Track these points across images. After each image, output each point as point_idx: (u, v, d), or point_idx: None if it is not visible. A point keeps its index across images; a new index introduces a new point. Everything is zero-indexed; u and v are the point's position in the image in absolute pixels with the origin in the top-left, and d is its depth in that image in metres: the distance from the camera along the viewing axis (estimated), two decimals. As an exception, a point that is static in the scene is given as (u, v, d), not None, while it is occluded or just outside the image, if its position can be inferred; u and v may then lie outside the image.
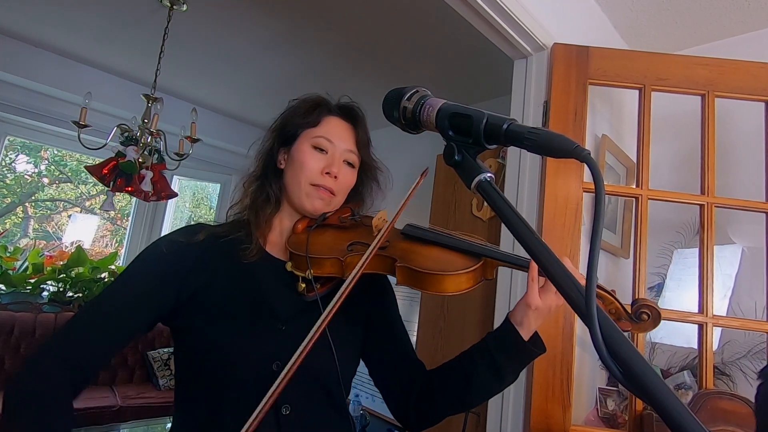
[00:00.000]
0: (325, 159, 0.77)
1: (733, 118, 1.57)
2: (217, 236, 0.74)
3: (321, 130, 0.78)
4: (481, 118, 0.44)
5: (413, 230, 0.74)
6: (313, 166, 0.76)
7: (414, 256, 0.68)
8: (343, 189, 0.80)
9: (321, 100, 0.82)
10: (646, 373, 0.33)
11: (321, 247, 0.72)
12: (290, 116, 0.80)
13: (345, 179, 0.79)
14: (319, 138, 0.77)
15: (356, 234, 0.77)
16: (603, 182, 0.35)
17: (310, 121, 0.78)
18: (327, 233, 0.77)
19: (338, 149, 0.78)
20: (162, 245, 0.72)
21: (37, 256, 2.98)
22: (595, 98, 1.54)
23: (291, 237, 0.77)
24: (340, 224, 0.78)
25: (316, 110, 0.79)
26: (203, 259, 0.71)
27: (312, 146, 0.77)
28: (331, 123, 0.79)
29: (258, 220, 0.76)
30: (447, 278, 0.64)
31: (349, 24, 2.17)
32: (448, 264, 0.66)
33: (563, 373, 1.25)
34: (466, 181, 0.45)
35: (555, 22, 1.47)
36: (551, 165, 1.33)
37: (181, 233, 0.74)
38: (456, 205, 2.15)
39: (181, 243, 0.71)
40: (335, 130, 0.79)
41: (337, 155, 0.77)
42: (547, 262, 0.39)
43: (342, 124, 0.80)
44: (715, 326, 1.28)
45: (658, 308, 0.64)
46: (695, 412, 1.19)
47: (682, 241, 1.64)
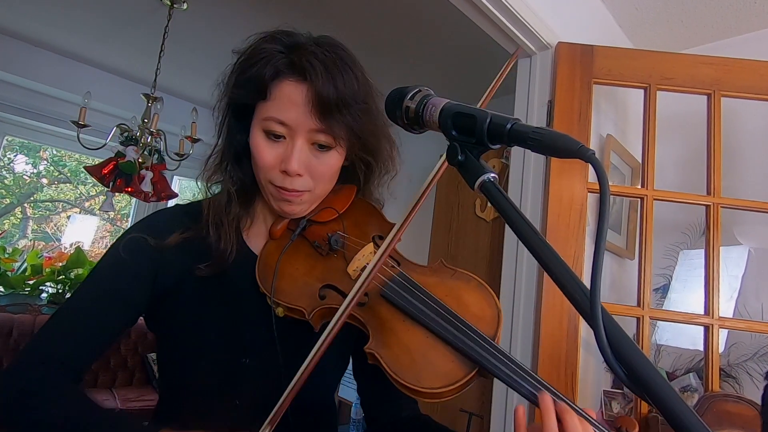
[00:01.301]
0: (282, 149, 0.57)
1: (739, 117, 1.56)
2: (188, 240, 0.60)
3: (272, 107, 0.56)
4: (484, 118, 0.43)
5: (397, 296, 0.56)
6: (268, 161, 0.57)
7: (390, 339, 0.53)
8: (322, 180, 0.60)
9: (267, 53, 0.56)
10: (651, 376, 0.32)
11: (290, 285, 0.59)
12: (236, 81, 0.59)
13: (319, 169, 0.58)
14: (269, 120, 0.56)
15: (333, 271, 0.60)
16: (608, 182, 0.34)
17: (259, 92, 0.56)
18: (301, 255, 0.62)
19: (298, 133, 0.56)
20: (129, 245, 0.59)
21: (36, 257, 2.96)
22: (600, 98, 1.53)
23: (264, 249, 0.63)
24: (315, 248, 0.62)
25: (263, 72, 0.55)
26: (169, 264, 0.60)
27: (263, 131, 0.57)
28: (284, 91, 0.55)
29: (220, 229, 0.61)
30: (424, 392, 0.50)
31: (351, 23, 2.16)
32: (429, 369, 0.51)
33: (568, 375, 1.25)
34: (469, 181, 0.45)
35: (559, 21, 1.46)
36: (555, 165, 1.32)
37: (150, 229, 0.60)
38: (459, 206, 2.14)
39: (148, 245, 0.59)
40: (289, 103, 0.55)
41: (298, 144, 0.56)
42: (551, 264, 0.38)
43: (298, 89, 0.55)
44: (721, 328, 1.27)
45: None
46: (701, 414, 1.19)
47: (688, 242, 1.63)
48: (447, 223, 2.23)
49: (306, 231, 0.64)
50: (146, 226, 0.62)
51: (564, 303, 1.26)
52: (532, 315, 1.31)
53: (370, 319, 0.55)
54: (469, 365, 0.52)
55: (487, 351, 0.52)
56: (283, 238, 0.64)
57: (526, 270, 1.34)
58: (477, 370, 0.52)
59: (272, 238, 0.64)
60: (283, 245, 0.62)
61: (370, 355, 0.53)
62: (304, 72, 0.55)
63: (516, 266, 1.37)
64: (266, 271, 0.60)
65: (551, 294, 1.26)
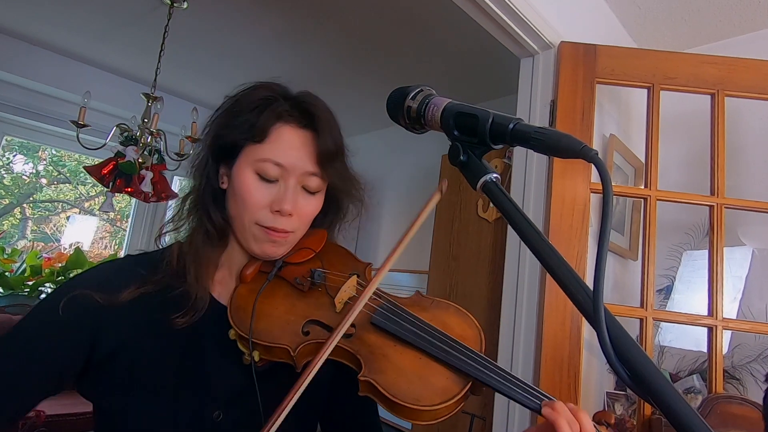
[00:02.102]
0: (274, 191, 0.57)
1: (743, 117, 1.56)
2: (149, 294, 0.56)
3: (268, 150, 0.57)
4: (486, 118, 0.43)
5: (386, 321, 0.57)
6: (259, 202, 0.57)
7: (384, 365, 0.53)
8: (304, 222, 0.61)
9: (269, 98, 0.59)
10: (654, 377, 0.32)
11: (270, 324, 0.56)
12: (228, 122, 0.59)
13: (304, 211, 0.60)
14: (266, 163, 0.56)
15: (315, 306, 0.59)
16: (611, 183, 0.34)
17: (254, 134, 0.57)
18: (279, 294, 0.60)
19: (293, 175, 0.57)
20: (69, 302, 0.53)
21: (35, 258, 2.95)
22: (603, 97, 1.53)
23: (236, 292, 0.59)
24: (295, 285, 0.61)
25: (261, 115, 0.57)
26: (121, 324, 0.55)
27: (256, 173, 0.57)
28: (283, 136, 0.57)
29: (199, 272, 0.58)
30: (422, 412, 0.50)
31: (353, 21, 2.15)
32: (426, 388, 0.51)
33: (570, 377, 1.24)
34: (471, 181, 0.45)
35: (562, 20, 1.45)
36: (558, 165, 1.32)
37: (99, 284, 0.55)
38: (461, 206, 2.14)
39: (94, 302, 0.54)
40: (288, 148, 0.57)
41: (291, 185, 0.57)
42: (553, 265, 0.38)
43: (297, 134, 0.58)
44: (725, 329, 1.26)
45: None
46: (705, 416, 1.18)
47: (692, 242, 1.63)
48: (449, 223, 2.22)
49: (282, 271, 0.62)
50: (96, 282, 0.56)
51: (567, 304, 1.25)
52: (534, 316, 1.30)
53: (360, 349, 0.55)
54: (464, 379, 0.53)
55: (479, 363, 0.53)
56: (255, 281, 0.61)
57: (529, 271, 1.34)
58: (471, 382, 0.53)
59: (243, 282, 0.61)
60: (257, 288, 0.60)
61: (365, 383, 0.52)
62: (312, 120, 0.58)
63: (518, 267, 1.36)
64: (241, 314, 0.57)
65: (554, 295, 1.26)
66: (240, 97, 0.61)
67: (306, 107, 0.59)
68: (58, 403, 2.41)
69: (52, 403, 2.39)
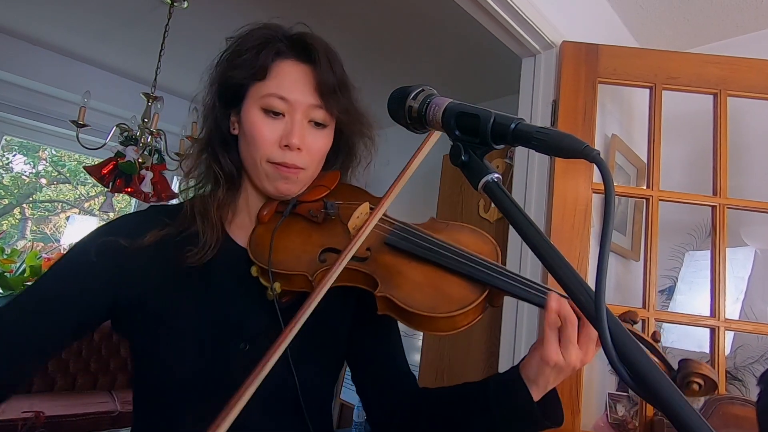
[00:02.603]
0: (281, 126, 0.58)
1: (746, 117, 1.55)
2: (168, 237, 0.59)
3: (271, 85, 0.58)
4: (488, 118, 0.43)
5: (399, 240, 0.58)
6: (268, 137, 0.58)
7: (399, 280, 0.54)
8: (314, 159, 0.62)
9: (267, 38, 0.60)
10: (656, 378, 0.32)
11: (288, 255, 0.58)
12: (230, 64, 0.60)
13: (314, 146, 0.60)
14: (270, 97, 0.58)
15: (330, 235, 0.61)
16: (613, 183, 0.34)
17: (256, 72, 0.58)
18: (295, 229, 0.62)
19: (298, 108, 0.58)
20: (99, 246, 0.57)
21: (35, 258, 2.94)
22: (605, 97, 1.52)
23: (255, 231, 0.62)
24: (310, 218, 0.63)
25: (261, 54, 0.58)
26: (146, 266, 0.58)
27: (262, 109, 0.58)
28: (284, 70, 0.59)
29: (207, 212, 0.60)
30: (440, 320, 0.51)
31: (353, 21, 2.15)
32: (441, 297, 0.53)
33: (572, 378, 1.24)
34: (472, 181, 0.45)
35: (564, 20, 1.45)
36: (560, 165, 1.31)
37: (125, 230, 0.59)
38: (462, 207, 2.13)
39: (121, 246, 0.57)
40: (290, 81, 0.58)
41: (297, 117, 0.58)
42: (555, 265, 0.38)
43: (297, 68, 0.59)
44: (728, 330, 1.26)
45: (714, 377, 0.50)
46: (707, 417, 1.18)
47: (694, 243, 1.62)
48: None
49: (297, 209, 0.64)
50: (122, 229, 0.60)
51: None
52: (536, 317, 1.29)
53: (376, 269, 0.56)
54: (480, 287, 0.53)
55: (494, 271, 0.54)
56: (272, 221, 0.63)
57: (530, 271, 1.33)
58: (488, 291, 0.53)
59: (261, 223, 0.63)
60: (273, 226, 0.62)
61: (381, 299, 0.53)
62: (309, 54, 0.60)
63: (520, 268, 1.36)
64: (260, 249, 0.59)
65: (556, 296, 1.25)
66: (240, 39, 0.61)
67: (303, 42, 0.61)
68: (58, 404, 2.41)
69: (51, 404, 2.39)
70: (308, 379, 0.60)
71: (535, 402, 0.52)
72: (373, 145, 0.69)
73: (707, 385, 0.49)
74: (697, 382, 0.49)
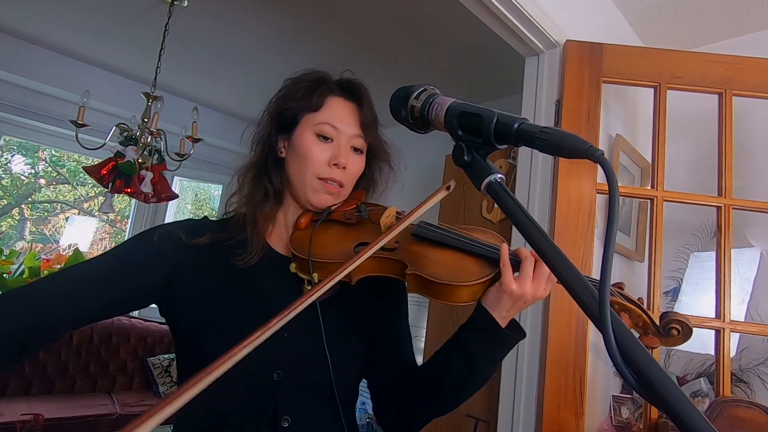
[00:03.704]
0: (331, 148, 0.71)
1: (751, 117, 1.54)
2: (220, 241, 0.70)
3: (324, 115, 0.71)
4: (491, 118, 0.44)
5: (424, 230, 0.68)
6: (319, 157, 0.70)
7: (426, 262, 0.63)
8: (352, 179, 0.74)
9: (321, 78, 0.74)
10: (661, 381, 0.32)
11: (325, 249, 0.67)
12: (287, 98, 0.74)
13: (353, 168, 0.73)
14: (323, 125, 0.71)
15: (363, 233, 0.71)
16: (617, 183, 0.34)
17: (311, 105, 0.72)
18: (331, 231, 0.72)
19: (344, 136, 0.72)
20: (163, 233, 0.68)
21: (34, 259, 2.93)
22: (609, 97, 1.52)
23: (294, 234, 0.72)
24: (345, 221, 0.73)
25: (316, 91, 0.72)
26: (199, 262, 0.68)
27: (315, 134, 0.71)
28: (335, 105, 0.73)
29: (256, 221, 0.71)
30: (461, 288, 0.60)
31: (355, 20, 2.14)
32: (462, 272, 0.62)
33: (576, 380, 1.23)
34: (475, 182, 0.45)
35: (567, 19, 1.44)
36: (563, 165, 1.31)
37: (185, 228, 0.70)
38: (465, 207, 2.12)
39: (181, 239, 0.68)
40: (339, 114, 0.72)
41: (343, 143, 0.71)
42: (559, 266, 0.38)
43: (346, 105, 0.74)
44: (733, 332, 1.26)
45: (689, 323, 0.59)
46: (712, 420, 1.17)
47: (699, 244, 1.62)
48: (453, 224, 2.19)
49: (332, 215, 0.74)
50: (180, 225, 0.72)
51: (572, 306, 1.24)
52: (539, 318, 1.29)
53: (405, 256, 0.65)
54: (494, 265, 0.62)
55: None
56: (309, 227, 0.73)
57: (534, 272, 1.32)
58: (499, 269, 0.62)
59: (298, 229, 0.73)
60: (311, 229, 0.71)
61: (411, 276, 0.62)
62: (357, 95, 0.75)
63: (524, 269, 1.35)
64: (300, 244, 0.69)
65: (559, 297, 1.25)
66: (296, 79, 0.75)
67: (351, 85, 0.75)
68: (57, 407, 2.40)
69: (50, 407, 2.37)
70: (340, 365, 0.67)
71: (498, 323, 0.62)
72: (392, 171, 0.81)
73: (684, 331, 0.58)
74: (676, 327, 0.58)
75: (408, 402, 0.70)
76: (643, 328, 0.60)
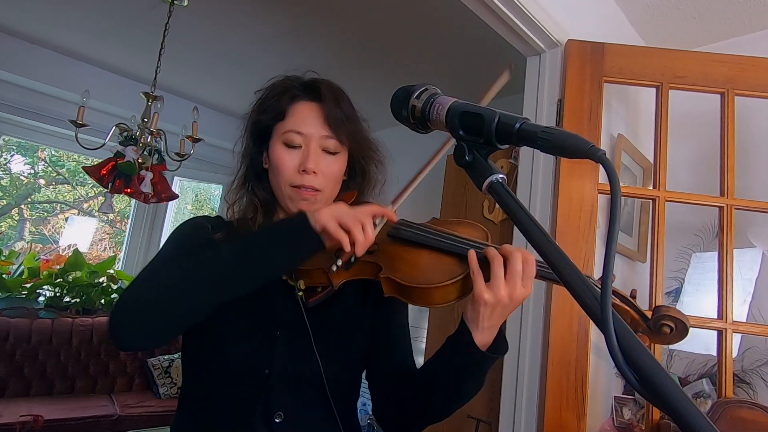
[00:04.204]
0: (299, 155, 0.71)
1: (753, 116, 1.54)
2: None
3: (289, 123, 0.72)
4: (492, 117, 0.43)
5: (400, 231, 0.67)
6: (288, 165, 0.70)
7: (399, 264, 0.62)
8: (329, 181, 0.73)
9: (285, 86, 0.74)
10: (663, 381, 0.32)
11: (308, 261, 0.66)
12: (258, 111, 0.75)
13: (328, 170, 0.72)
14: (288, 133, 0.71)
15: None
16: (619, 183, 0.34)
17: (278, 114, 0.72)
18: None
19: (312, 139, 0.71)
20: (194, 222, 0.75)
21: (33, 259, 2.93)
22: (611, 96, 1.51)
23: None
24: None
25: (281, 100, 0.73)
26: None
27: (284, 144, 0.71)
28: (298, 111, 0.72)
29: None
30: (433, 290, 0.58)
31: (355, 19, 2.13)
32: (435, 272, 0.60)
33: (578, 381, 1.23)
34: (477, 182, 0.45)
35: (569, 18, 1.44)
36: (565, 166, 1.31)
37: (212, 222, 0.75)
38: (467, 207, 2.12)
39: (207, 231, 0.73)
40: (303, 118, 0.72)
41: (311, 147, 0.71)
42: (560, 267, 0.38)
43: (309, 107, 0.72)
44: (735, 332, 1.26)
45: (684, 319, 0.53)
46: (714, 421, 1.16)
47: (701, 244, 1.61)
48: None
49: None
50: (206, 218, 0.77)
51: (574, 306, 1.24)
52: (541, 319, 1.28)
53: (380, 258, 0.64)
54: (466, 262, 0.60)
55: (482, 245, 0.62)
56: None
57: (536, 273, 1.32)
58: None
59: None
60: None
61: (385, 280, 0.62)
62: (318, 94, 0.72)
63: (525, 269, 1.34)
64: None
65: (561, 297, 1.25)
66: (265, 90, 0.76)
67: (312, 85, 0.74)
68: (57, 408, 2.39)
69: (50, 408, 2.36)
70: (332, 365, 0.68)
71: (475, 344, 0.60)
72: (383, 167, 0.80)
73: (678, 328, 0.52)
74: (668, 324, 0.53)
75: (404, 405, 0.71)
76: (633, 326, 0.56)
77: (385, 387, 0.75)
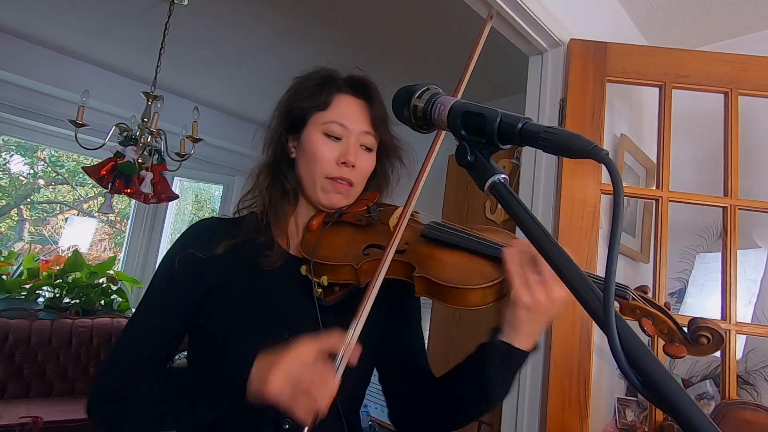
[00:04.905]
0: (339, 147, 0.71)
1: (757, 116, 1.53)
2: (238, 245, 0.70)
3: (332, 114, 0.71)
4: (494, 117, 0.43)
5: (433, 231, 0.67)
6: (327, 156, 0.70)
7: (433, 264, 0.62)
8: (362, 177, 0.74)
9: (329, 76, 0.74)
10: (666, 383, 0.32)
11: (335, 252, 0.67)
12: (296, 98, 0.73)
13: (363, 166, 0.73)
14: (331, 123, 0.70)
15: (373, 234, 0.71)
16: (622, 184, 0.34)
17: (319, 104, 0.71)
18: (342, 233, 0.72)
19: (353, 134, 0.71)
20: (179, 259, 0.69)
21: (33, 260, 2.92)
22: (614, 96, 1.51)
23: (305, 236, 0.72)
24: (355, 222, 0.73)
25: (324, 89, 0.72)
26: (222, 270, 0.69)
27: (323, 133, 0.71)
28: (343, 103, 0.72)
29: (279, 222, 0.72)
30: (470, 292, 0.59)
31: (356, 18, 2.13)
32: (472, 274, 0.60)
33: (580, 383, 1.23)
34: (479, 182, 0.45)
35: (571, 17, 1.43)
36: (568, 166, 1.30)
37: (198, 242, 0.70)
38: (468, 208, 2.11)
39: (200, 259, 0.68)
40: (348, 112, 0.72)
41: (352, 141, 0.71)
42: (563, 267, 0.38)
43: (354, 102, 0.73)
44: (739, 334, 1.25)
45: (720, 330, 0.55)
46: (718, 423, 1.15)
47: (705, 244, 1.61)
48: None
49: (343, 217, 0.74)
50: (196, 241, 0.71)
51: (576, 307, 1.21)
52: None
53: (413, 258, 0.64)
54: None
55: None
56: (320, 229, 0.73)
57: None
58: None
59: (309, 231, 0.73)
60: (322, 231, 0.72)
61: (418, 279, 0.61)
62: (366, 92, 0.74)
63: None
64: (309, 248, 0.69)
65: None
66: (304, 78, 0.75)
67: (360, 82, 0.74)
68: (56, 410, 2.38)
69: (49, 410, 2.35)
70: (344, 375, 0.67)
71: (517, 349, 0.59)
72: (404, 167, 0.80)
73: (715, 339, 0.53)
74: (705, 335, 0.54)
75: (420, 410, 0.69)
76: (669, 336, 0.56)
77: (400, 390, 0.74)
